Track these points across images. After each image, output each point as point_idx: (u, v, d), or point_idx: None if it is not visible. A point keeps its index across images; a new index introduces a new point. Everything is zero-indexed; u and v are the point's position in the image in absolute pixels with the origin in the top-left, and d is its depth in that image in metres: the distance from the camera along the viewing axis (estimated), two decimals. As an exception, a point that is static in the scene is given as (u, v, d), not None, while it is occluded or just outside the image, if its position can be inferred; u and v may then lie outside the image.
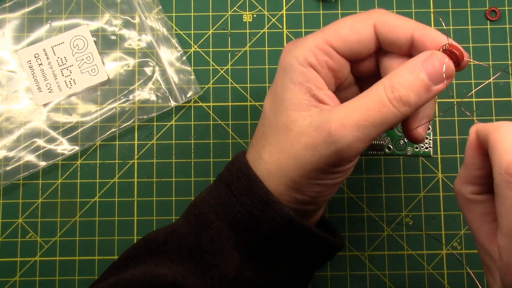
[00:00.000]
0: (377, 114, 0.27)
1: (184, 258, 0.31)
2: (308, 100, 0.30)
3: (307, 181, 0.29)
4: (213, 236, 0.31)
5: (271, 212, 0.30)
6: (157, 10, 0.48)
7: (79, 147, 0.46)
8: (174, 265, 0.31)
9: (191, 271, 0.31)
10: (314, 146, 0.28)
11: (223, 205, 0.31)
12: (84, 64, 0.47)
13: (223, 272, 0.30)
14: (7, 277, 0.45)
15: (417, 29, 0.29)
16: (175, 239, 0.32)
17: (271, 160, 0.30)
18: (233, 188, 0.31)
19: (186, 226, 0.32)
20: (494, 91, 0.47)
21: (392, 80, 0.28)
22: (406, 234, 0.46)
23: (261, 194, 0.30)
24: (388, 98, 0.27)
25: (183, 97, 0.47)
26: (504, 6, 0.48)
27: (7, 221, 0.46)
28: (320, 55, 0.30)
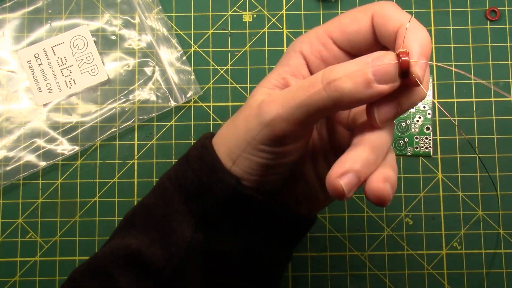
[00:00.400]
0: (304, 94, 0.26)
1: (148, 227, 0.32)
2: (277, 80, 0.30)
3: (238, 151, 0.29)
4: (168, 201, 0.31)
5: (216, 179, 0.30)
6: (157, 10, 0.48)
7: (79, 147, 0.46)
8: (140, 234, 0.32)
9: (154, 239, 0.31)
10: (247, 118, 0.29)
11: (176, 171, 0.32)
12: (84, 64, 0.47)
13: (180, 236, 0.31)
14: (7, 277, 0.45)
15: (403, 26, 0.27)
16: (141, 210, 0.33)
17: (224, 127, 0.31)
18: (189, 157, 0.31)
19: (151, 197, 0.33)
20: (494, 91, 0.47)
21: (337, 65, 0.26)
22: (406, 234, 0.46)
23: (210, 161, 0.30)
24: (322, 78, 0.26)
25: (183, 97, 0.47)
26: (504, 6, 0.48)
27: (7, 221, 0.46)
28: (315, 44, 0.30)
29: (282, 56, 0.31)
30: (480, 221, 0.46)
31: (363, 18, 0.29)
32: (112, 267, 0.31)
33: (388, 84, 0.25)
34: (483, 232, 0.46)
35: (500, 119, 0.47)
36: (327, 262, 0.46)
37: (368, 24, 0.29)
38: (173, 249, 0.31)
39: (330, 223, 0.46)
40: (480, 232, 0.46)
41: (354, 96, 0.25)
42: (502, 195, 0.46)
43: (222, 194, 0.30)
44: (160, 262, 0.31)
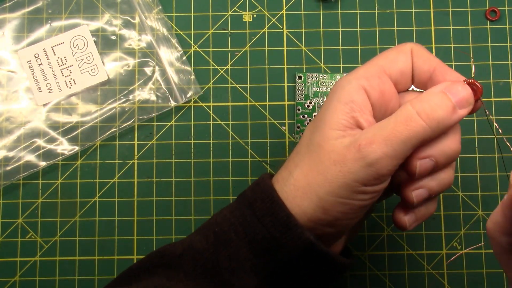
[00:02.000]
0: (404, 129, 0.28)
1: (199, 274, 0.31)
2: (347, 121, 0.30)
3: (333, 199, 0.29)
4: (231, 254, 0.30)
5: (291, 235, 0.29)
6: (157, 10, 0.48)
7: (79, 147, 0.46)
8: (187, 280, 0.31)
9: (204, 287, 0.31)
10: (343, 162, 0.28)
11: (244, 224, 0.31)
12: (84, 64, 0.47)
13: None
14: (7, 277, 0.45)
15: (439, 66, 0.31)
16: (192, 253, 0.32)
17: (300, 177, 0.30)
18: (256, 209, 0.30)
19: (204, 242, 0.32)
20: (494, 91, 0.47)
21: (419, 98, 0.29)
22: (406, 234, 0.46)
23: (283, 216, 0.29)
24: (417, 111, 0.28)
25: (183, 97, 0.47)
26: (504, 6, 0.48)
27: (7, 221, 0.46)
28: (372, 78, 0.30)
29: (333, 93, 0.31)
30: (480, 221, 0.46)
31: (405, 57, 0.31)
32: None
33: (467, 108, 0.30)
34: (483, 232, 0.46)
35: (500, 119, 0.47)
36: (327, 262, 0.46)
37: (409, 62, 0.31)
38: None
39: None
40: (480, 232, 0.46)
41: (447, 123, 0.29)
42: (502, 195, 0.46)
43: (295, 250, 0.30)
44: None
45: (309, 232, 0.29)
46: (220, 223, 0.32)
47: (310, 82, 0.47)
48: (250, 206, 0.31)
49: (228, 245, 0.31)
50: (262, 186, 0.31)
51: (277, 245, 0.30)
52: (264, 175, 0.32)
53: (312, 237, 0.29)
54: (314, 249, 0.30)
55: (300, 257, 0.30)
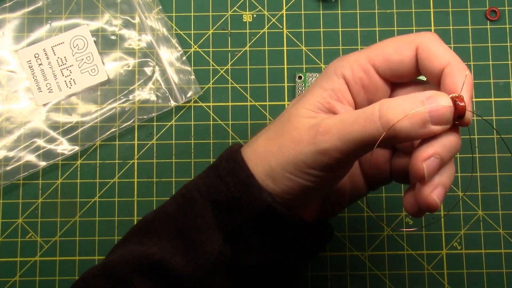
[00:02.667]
0: (361, 129, 0.27)
1: (171, 235, 0.32)
2: (322, 104, 0.30)
3: (282, 172, 0.29)
4: (197, 213, 0.31)
5: (250, 195, 0.30)
6: (157, 10, 0.48)
7: (79, 147, 0.46)
8: (161, 243, 0.32)
9: (178, 249, 0.31)
10: (299, 141, 0.29)
11: (207, 184, 0.31)
12: (84, 64, 0.47)
13: (209, 249, 0.31)
14: (7, 277, 0.45)
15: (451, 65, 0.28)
16: (162, 217, 0.33)
17: (262, 143, 0.31)
18: (220, 169, 0.31)
19: (174, 205, 0.33)
20: (494, 91, 0.47)
21: (391, 101, 0.27)
22: (406, 234, 0.46)
23: (243, 177, 0.30)
24: (380, 115, 0.27)
25: (183, 97, 0.47)
26: (504, 6, 0.48)
27: (7, 221, 0.46)
28: (357, 71, 0.30)
29: (320, 77, 0.31)
30: (480, 221, 0.46)
31: (408, 49, 0.30)
32: (131, 274, 0.31)
33: (442, 126, 0.27)
34: (483, 232, 0.46)
35: (500, 119, 0.47)
36: (327, 262, 0.46)
37: (412, 56, 0.30)
38: (200, 261, 0.31)
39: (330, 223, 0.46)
40: (480, 232, 0.46)
41: (409, 134, 0.27)
42: (502, 195, 0.46)
43: (255, 211, 0.30)
44: (184, 271, 0.31)
45: (267, 193, 0.30)
46: (187, 185, 0.33)
47: (310, 82, 0.47)
48: (215, 167, 0.32)
49: (194, 204, 0.31)
50: (229, 149, 0.32)
51: (237, 205, 0.30)
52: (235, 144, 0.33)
53: (270, 199, 0.30)
54: (273, 211, 0.30)
55: (259, 218, 0.30)
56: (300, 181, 0.29)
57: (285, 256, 0.32)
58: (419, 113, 0.27)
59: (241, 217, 0.30)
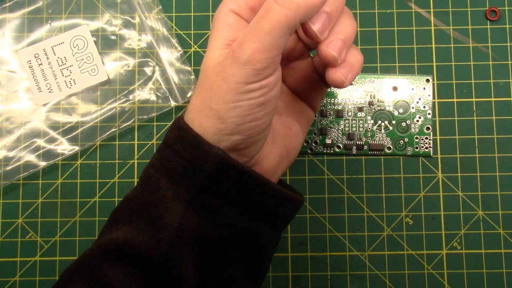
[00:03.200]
0: (266, 21, 0.28)
1: (133, 218, 0.32)
2: (228, 39, 0.31)
3: (224, 106, 0.29)
4: (153, 188, 0.31)
5: (201, 154, 0.30)
6: (157, 10, 0.48)
7: (79, 147, 0.46)
8: (125, 227, 0.32)
9: (140, 228, 0.31)
10: (223, 70, 0.29)
11: (159, 157, 0.32)
12: (84, 64, 0.47)
13: (168, 222, 0.31)
14: (7, 277, 0.45)
15: None
16: (125, 203, 0.33)
17: (196, 100, 0.31)
18: (167, 140, 0.31)
19: (134, 189, 0.33)
20: (494, 91, 0.47)
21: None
22: (406, 234, 0.46)
23: (190, 138, 0.30)
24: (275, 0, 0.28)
25: (183, 97, 0.47)
26: (504, 6, 0.48)
27: (7, 221, 0.46)
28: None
29: (213, 24, 0.32)
30: (480, 221, 0.46)
31: None
32: (100, 262, 0.31)
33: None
34: (483, 232, 0.46)
35: (500, 119, 0.47)
36: (327, 262, 0.46)
37: None
38: (160, 235, 0.30)
39: (330, 223, 0.46)
40: (480, 232, 0.46)
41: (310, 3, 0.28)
42: (502, 195, 0.46)
43: (209, 168, 0.30)
44: (148, 249, 0.30)
45: (217, 148, 0.30)
46: (144, 168, 0.33)
47: (310, 82, 0.47)
48: (164, 142, 0.32)
49: (149, 181, 0.31)
50: (174, 121, 0.32)
51: (191, 168, 0.30)
52: None
53: (220, 151, 0.30)
54: (227, 163, 0.30)
55: (215, 175, 0.30)
56: (246, 102, 0.29)
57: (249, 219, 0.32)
58: None
59: (197, 181, 0.30)
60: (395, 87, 0.47)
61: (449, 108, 0.47)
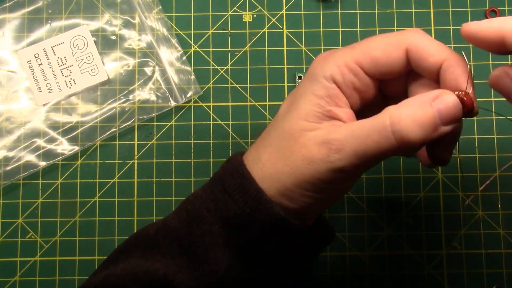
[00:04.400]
0: (375, 145, 0.27)
1: (176, 253, 0.31)
2: (322, 113, 0.29)
3: (299, 191, 0.29)
4: (204, 231, 0.31)
5: (262, 210, 0.30)
6: (157, 10, 0.48)
7: (79, 147, 0.46)
8: (165, 259, 0.31)
9: (183, 266, 0.31)
10: (312, 160, 0.29)
11: (215, 201, 0.31)
12: (84, 64, 0.47)
13: (215, 268, 0.31)
14: (7, 277, 0.45)
15: (448, 60, 0.28)
16: (167, 233, 0.32)
17: (269, 163, 0.30)
18: (226, 185, 0.31)
19: (178, 221, 0.32)
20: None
21: (400, 111, 0.27)
22: (406, 234, 0.46)
23: (253, 192, 0.30)
24: (392, 129, 0.27)
25: (183, 97, 0.47)
26: (504, 6, 0.48)
27: (7, 221, 0.46)
28: (347, 74, 0.30)
29: (309, 82, 0.30)
30: (480, 221, 0.46)
31: (397, 52, 0.29)
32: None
33: (450, 126, 0.27)
34: (483, 232, 0.46)
35: (500, 119, 0.47)
36: (327, 262, 0.46)
37: (402, 58, 0.29)
38: (205, 278, 0.31)
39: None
40: (480, 232, 0.46)
41: (422, 142, 0.27)
42: (502, 195, 0.46)
43: (266, 224, 0.30)
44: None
45: (278, 207, 0.30)
46: (192, 201, 0.32)
47: (310, 82, 0.47)
48: (220, 182, 0.31)
49: (201, 222, 0.31)
50: (233, 162, 0.31)
51: (248, 221, 0.30)
52: (235, 153, 0.33)
53: (282, 212, 0.30)
54: (285, 224, 0.30)
55: (270, 232, 0.30)
56: (318, 196, 0.29)
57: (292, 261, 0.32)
58: (429, 118, 0.26)
59: (252, 232, 0.30)
60: (395, 87, 0.47)
61: (449, 108, 0.47)
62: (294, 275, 0.33)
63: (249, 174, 0.30)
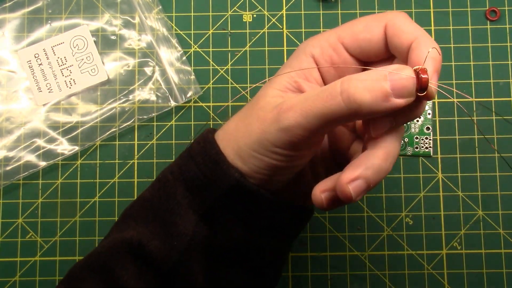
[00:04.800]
0: (323, 104, 0.27)
1: (148, 219, 0.32)
2: (289, 83, 0.30)
3: (249, 151, 0.30)
4: (169, 194, 0.32)
5: (219, 171, 0.30)
6: (157, 10, 0.48)
7: (79, 147, 0.46)
8: (139, 226, 0.32)
9: (155, 232, 0.32)
10: (264, 120, 0.29)
11: (179, 165, 0.32)
12: (84, 64, 0.47)
13: (183, 230, 0.31)
14: (7, 277, 0.45)
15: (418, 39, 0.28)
16: (140, 202, 0.33)
17: (232, 124, 0.31)
18: (191, 150, 0.32)
19: (151, 190, 0.33)
20: (494, 91, 0.47)
21: (353, 76, 0.27)
22: (406, 234, 0.46)
23: (213, 154, 0.30)
24: (341, 89, 0.26)
25: (183, 97, 0.47)
26: (504, 6, 0.48)
27: (7, 221, 0.46)
28: (326, 49, 0.30)
29: (290, 57, 0.31)
30: (480, 221, 0.46)
31: (376, 27, 0.29)
32: (113, 261, 0.32)
33: (405, 99, 0.26)
34: (483, 232, 0.46)
35: (500, 119, 0.47)
36: (327, 262, 0.46)
37: (381, 33, 0.29)
38: (175, 242, 0.31)
39: (330, 223, 0.46)
40: (480, 232, 0.46)
41: (372, 108, 0.26)
42: (502, 195, 0.46)
43: (225, 187, 0.30)
44: (162, 254, 0.31)
45: (235, 169, 0.30)
46: (163, 170, 0.33)
47: (310, 82, 0.47)
48: (188, 149, 0.32)
49: (167, 186, 0.32)
50: (204, 132, 0.32)
51: (208, 182, 0.31)
52: None
53: (237, 174, 0.30)
54: (241, 185, 0.30)
55: (230, 194, 0.30)
56: (267, 159, 0.29)
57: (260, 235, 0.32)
58: (380, 86, 0.26)
59: (212, 195, 0.31)
60: (395, 87, 0.47)
61: (449, 108, 0.47)
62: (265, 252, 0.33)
63: (212, 139, 0.31)
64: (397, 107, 0.26)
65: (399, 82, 0.26)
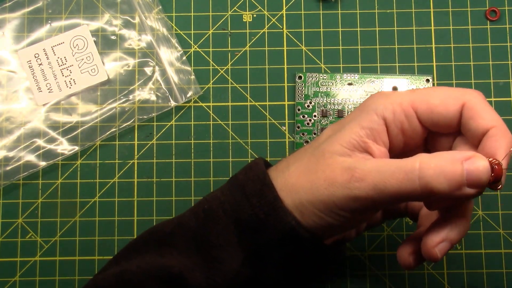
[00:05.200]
0: (398, 185, 0.27)
1: (191, 251, 0.32)
2: (358, 144, 0.30)
3: (311, 209, 0.30)
4: (219, 231, 0.32)
5: (275, 217, 0.30)
6: (157, 10, 0.48)
7: (79, 147, 0.46)
8: (181, 257, 0.32)
9: (198, 264, 0.32)
10: (332, 182, 0.29)
11: (232, 203, 0.32)
12: (84, 64, 0.47)
13: (228, 267, 0.31)
14: (7, 277, 0.45)
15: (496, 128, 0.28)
16: (183, 231, 0.33)
17: (294, 174, 0.31)
18: (246, 189, 0.31)
19: (194, 220, 0.33)
20: (494, 91, 0.47)
21: (431, 159, 0.27)
22: (406, 234, 0.46)
23: (270, 198, 0.30)
24: (419, 174, 0.27)
25: (183, 97, 0.47)
26: (504, 6, 0.48)
27: (7, 221, 0.46)
28: (399, 114, 0.30)
29: (359, 112, 0.31)
30: (480, 221, 0.46)
31: (453, 105, 0.29)
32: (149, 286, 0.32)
33: (475, 190, 0.27)
34: (483, 232, 0.46)
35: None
36: (327, 262, 0.46)
37: (457, 111, 0.30)
38: (218, 279, 0.31)
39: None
40: (480, 232, 0.46)
41: (444, 195, 0.27)
42: (502, 195, 0.46)
43: (279, 232, 0.30)
44: None
45: (292, 217, 0.30)
46: (209, 201, 0.33)
47: (310, 82, 0.47)
48: (241, 187, 0.32)
49: (217, 222, 0.32)
50: (255, 169, 0.32)
51: (261, 226, 0.31)
52: (257, 159, 0.33)
53: (294, 222, 0.30)
54: (296, 234, 0.30)
55: (283, 240, 0.31)
56: (329, 219, 0.30)
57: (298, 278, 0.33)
58: (457, 174, 0.26)
59: (264, 238, 0.31)
60: (395, 87, 0.47)
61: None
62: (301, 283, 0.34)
63: (271, 182, 0.31)
64: (466, 197, 0.27)
65: (475, 174, 0.27)
